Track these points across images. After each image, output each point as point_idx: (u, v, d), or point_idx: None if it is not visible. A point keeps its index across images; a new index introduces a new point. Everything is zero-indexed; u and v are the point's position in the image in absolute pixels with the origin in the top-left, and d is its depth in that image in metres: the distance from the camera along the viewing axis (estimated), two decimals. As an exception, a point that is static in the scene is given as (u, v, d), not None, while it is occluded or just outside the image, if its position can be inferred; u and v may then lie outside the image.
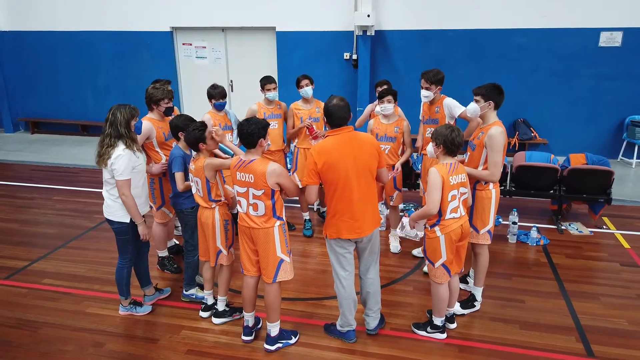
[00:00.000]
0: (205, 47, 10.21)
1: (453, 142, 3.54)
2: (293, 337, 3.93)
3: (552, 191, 5.99)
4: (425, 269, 4.87)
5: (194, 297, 4.49)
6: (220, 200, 3.94)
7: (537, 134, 8.80)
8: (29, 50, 10.92)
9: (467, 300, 4.36)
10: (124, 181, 3.85)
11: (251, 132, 3.44)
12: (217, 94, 5.14)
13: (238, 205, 3.65)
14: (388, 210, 5.64)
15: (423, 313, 4.29)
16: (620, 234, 5.87)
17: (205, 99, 5.25)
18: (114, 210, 4.00)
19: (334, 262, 3.75)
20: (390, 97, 4.92)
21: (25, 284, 4.87)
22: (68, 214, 6.65)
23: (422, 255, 5.12)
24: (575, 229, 5.97)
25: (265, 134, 3.53)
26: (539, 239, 5.61)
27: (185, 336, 4.04)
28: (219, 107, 5.23)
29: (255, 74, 5.58)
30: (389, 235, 5.57)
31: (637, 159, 8.43)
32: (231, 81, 10.24)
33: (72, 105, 11.09)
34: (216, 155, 4.06)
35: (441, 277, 3.76)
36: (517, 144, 8.73)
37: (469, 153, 4.11)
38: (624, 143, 8.60)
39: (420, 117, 5.06)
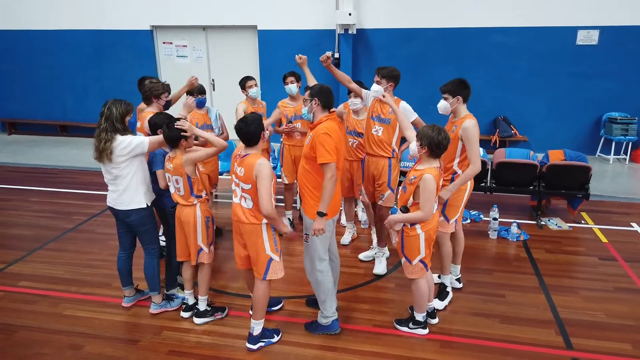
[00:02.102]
0: (186, 46, 10.12)
1: (439, 145, 3.50)
2: (275, 336, 3.91)
3: (531, 187, 6.07)
4: (361, 256, 5.09)
5: (174, 297, 4.44)
6: (202, 197, 3.91)
7: (517, 131, 8.91)
8: (5, 50, 10.71)
9: (440, 292, 4.41)
10: (146, 144, 3.83)
11: (253, 132, 3.46)
12: (195, 90, 5.10)
13: (233, 195, 3.66)
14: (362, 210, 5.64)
15: (405, 309, 4.30)
16: (598, 228, 5.97)
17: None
18: (130, 197, 3.93)
19: (320, 248, 3.74)
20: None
21: (1, 286, 4.75)
22: (46, 215, 6.53)
23: (368, 259, 5.18)
24: (555, 224, 6.05)
25: (263, 127, 3.57)
26: (519, 234, 5.68)
27: (166, 337, 3.98)
28: (200, 104, 5.18)
29: (237, 73, 5.57)
30: (371, 232, 5.58)
31: (614, 155, 8.59)
32: (213, 80, 10.17)
33: (50, 106, 10.91)
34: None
35: (419, 272, 3.79)
36: (497, 141, 8.82)
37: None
38: (602, 140, 8.76)
39: (370, 113, 4.75)
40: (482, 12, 8.64)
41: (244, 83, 5.44)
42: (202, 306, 4.17)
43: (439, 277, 4.59)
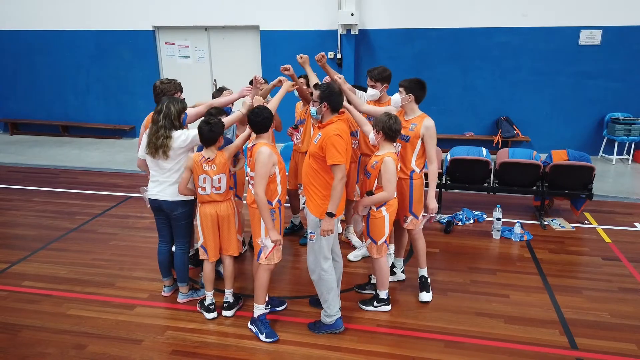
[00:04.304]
0: (188, 47, 10.12)
1: (391, 128, 3.83)
2: (264, 335, 3.89)
3: (534, 187, 6.06)
4: (351, 257, 5.17)
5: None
6: (233, 188, 4.14)
7: (519, 132, 8.89)
8: (7, 50, 10.72)
9: (424, 285, 4.46)
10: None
11: (261, 121, 3.68)
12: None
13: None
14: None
15: (410, 309, 4.30)
16: (602, 228, 5.96)
17: (188, 99, 5.15)
18: (177, 190, 4.01)
19: (325, 247, 3.78)
20: None
21: (5, 286, 4.75)
22: (48, 215, 6.53)
23: (358, 260, 5.20)
24: (558, 224, 6.04)
25: (272, 120, 3.77)
26: (523, 234, 5.67)
27: (170, 336, 3.98)
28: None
29: (239, 73, 5.53)
30: (348, 232, 5.58)
31: (617, 155, 8.58)
32: (215, 81, 10.17)
33: (52, 106, 10.92)
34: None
35: (383, 251, 4.08)
36: (499, 142, 8.81)
37: (399, 144, 4.19)
38: (604, 140, 8.75)
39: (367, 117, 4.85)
40: (484, 12, 8.63)
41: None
42: (231, 298, 4.24)
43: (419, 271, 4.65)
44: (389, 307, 4.28)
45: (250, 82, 4.84)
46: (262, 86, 4.55)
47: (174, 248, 4.41)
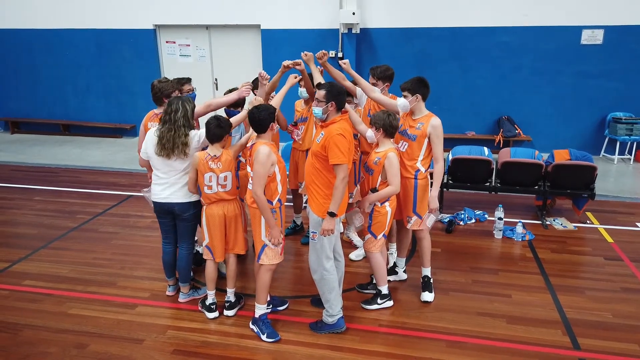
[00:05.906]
0: (189, 45, 10.11)
1: (391, 124, 3.93)
2: (265, 335, 3.88)
3: (536, 187, 6.05)
4: (352, 256, 5.17)
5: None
6: (238, 187, 4.12)
7: (521, 131, 8.88)
8: (7, 49, 10.70)
9: (427, 284, 4.45)
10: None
11: (263, 118, 3.63)
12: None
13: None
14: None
15: (412, 309, 4.30)
16: (604, 228, 5.95)
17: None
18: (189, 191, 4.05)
19: (327, 246, 3.78)
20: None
21: (6, 285, 4.75)
22: (49, 214, 6.52)
23: (359, 259, 5.19)
24: (560, 224, 6.03)
25: (274, 118, 3.72)
26: (525, 234, 5.66)
27: (171, 336, 3.98)
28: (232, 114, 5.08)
29: (240, 73, 5.51)
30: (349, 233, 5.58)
31: (618, 155, 8.57)
32: (216, 79, 10.16)
33: (53, 105, 10.91)
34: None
35: (380, 246, 4.14)
36: (501, 141, 8.79)
37: (406, 143, 4.18)
38: (606, 139, 8.73)
39: (368, 113, 4.80)
40: (486, 11, 8.61)
41: (256, 83, 5.33)
42: (232, 297, 4.23)
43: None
44: (391, 302, 4.32)
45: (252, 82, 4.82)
46: (266, 82, 4.52)
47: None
